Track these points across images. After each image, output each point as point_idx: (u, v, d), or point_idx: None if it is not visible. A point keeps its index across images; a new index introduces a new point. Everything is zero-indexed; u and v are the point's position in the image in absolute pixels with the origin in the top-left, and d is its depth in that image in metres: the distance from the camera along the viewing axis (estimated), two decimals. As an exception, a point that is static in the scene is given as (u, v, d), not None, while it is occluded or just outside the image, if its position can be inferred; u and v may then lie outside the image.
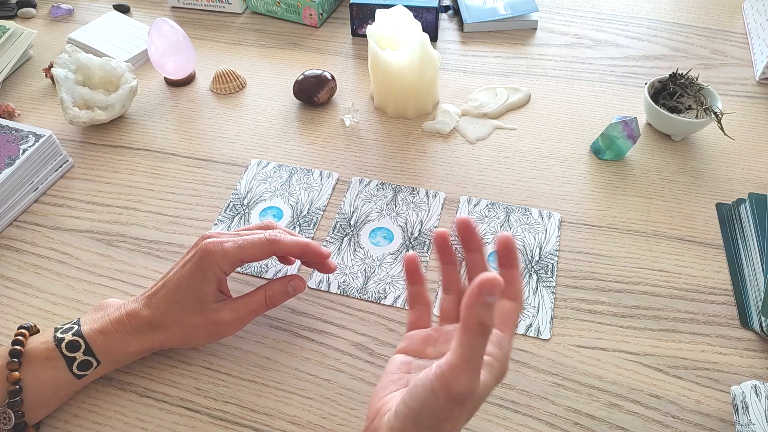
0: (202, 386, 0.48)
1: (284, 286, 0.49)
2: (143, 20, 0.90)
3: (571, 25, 0.88)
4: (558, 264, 0.56)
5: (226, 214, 0.61)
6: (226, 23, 0.91)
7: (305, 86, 0.73)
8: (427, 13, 0.82)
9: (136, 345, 0.45)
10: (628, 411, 0.46)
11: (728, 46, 0.83)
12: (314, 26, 0.89)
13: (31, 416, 0.43)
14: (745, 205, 0.58)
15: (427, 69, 0.68)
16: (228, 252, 0.45)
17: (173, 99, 0.77)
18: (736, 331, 0.51)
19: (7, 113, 0.72)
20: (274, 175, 0.65)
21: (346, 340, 0.51)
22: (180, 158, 0.68)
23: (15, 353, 0.42)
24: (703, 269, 0.55)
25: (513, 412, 0.46)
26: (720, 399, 0.46)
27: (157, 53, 0.74)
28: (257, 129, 0.72)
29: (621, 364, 0.48)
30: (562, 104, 0.74)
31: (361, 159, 0.67)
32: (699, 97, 0.67)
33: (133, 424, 0.45)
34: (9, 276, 0.56)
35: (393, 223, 0.60)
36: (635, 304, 0.53)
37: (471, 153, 0.68)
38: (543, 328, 0.51)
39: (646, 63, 0.80)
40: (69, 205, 0.63)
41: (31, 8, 0.93)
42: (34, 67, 0.82)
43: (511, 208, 0.61)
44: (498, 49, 0.84)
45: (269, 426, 0.45)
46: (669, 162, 0.66)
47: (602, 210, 0.61)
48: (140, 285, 0.55)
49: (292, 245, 0.48)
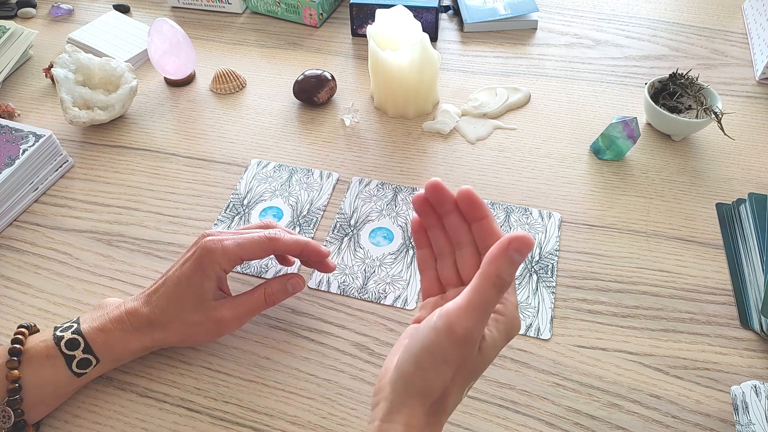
0: (202, 386, 0.48)
1: (284, 284, 0.49)
2: (143, 20, 0.90)
3: (571, 25, 0.88)
4: (558, 264, 0.56)
5: (226, 214, 0.61)
6: (226, 23, 0.91)
7: (305, 86, 0.73)
8: (427, 13, 0.82)
9: (136, 343, 0.45)
10: (628, 411, 0.46)
11: (728, 46, 0.83)
12: (314, 26, 0.89)
13: (31, 415, 0.43)
14: (745, 205, 0.57)
15: (427, 69, 0.68)
16: (228, 250, 0.45)
17: (173, 99, 0.77)
18: (736, 331, 0.50)
19: (7, 113, 0.72)
20: (274, 175, 0.65)
21: (346, 340, 0.51)
22: (180, 158, 0.68)
23: (14, 352, 0.42)
24: (703, 269, 0.55)
25: (513, 412, 0.46)
26: (720, 399, 0.46)
27: (157, 53, 0.74)
28: (257, 129, 0.72)
29: (621, 364, 0.48)
30: (562, 104, 0.74)
31: (361, 159, 0.67)
32: (699, 97, 0.67)
33: (133, 424, 0.45)
34: (9, 276, 0.56)
35: (393, 223, 0.60)
36: (635, 304, 0.53)
37: (471, 153, 0.68)
38: (543, 328, 0.51)
39: (646, 63, 0.80)
40: (69, 205, 0.63)
41: (31, 8, 0.93)
42: (34, 67, 0.82)
43: (511, 208, 0.61)
44: (498, 49, 0.84)
45: (269, 426, 0.45)
46: (669, 162, 0.66)
47: (602, 210, 0.61)
48: (140, 285, 0.55)
49: (291, 243, 0.48)
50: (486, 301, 0.31)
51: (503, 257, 0.31)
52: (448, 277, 0.40)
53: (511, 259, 0.31)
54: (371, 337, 0.51)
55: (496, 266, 0.31)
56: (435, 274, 0.40)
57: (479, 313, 0.31)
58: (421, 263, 0.41)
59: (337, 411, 0.46)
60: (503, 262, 0.31)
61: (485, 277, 0.32)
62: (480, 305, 0.31)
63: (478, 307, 0.31)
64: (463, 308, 0.31)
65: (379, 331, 0.51)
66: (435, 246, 0.40)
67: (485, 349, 0.34)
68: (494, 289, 0.31)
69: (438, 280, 0.40)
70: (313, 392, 0.47)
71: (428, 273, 0.41)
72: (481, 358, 0.34)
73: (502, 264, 0.31)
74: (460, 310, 0.32)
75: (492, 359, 0.35)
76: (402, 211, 0.61)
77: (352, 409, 0.46)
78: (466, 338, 0.31)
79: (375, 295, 0.54)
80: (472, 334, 0.31)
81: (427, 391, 0.33)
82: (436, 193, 0.38)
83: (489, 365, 0.36)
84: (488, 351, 0.34)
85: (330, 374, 0.48)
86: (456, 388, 0.33)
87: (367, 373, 0.48)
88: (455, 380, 0.33)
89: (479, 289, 0.32)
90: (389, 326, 0.51)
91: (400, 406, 0.33)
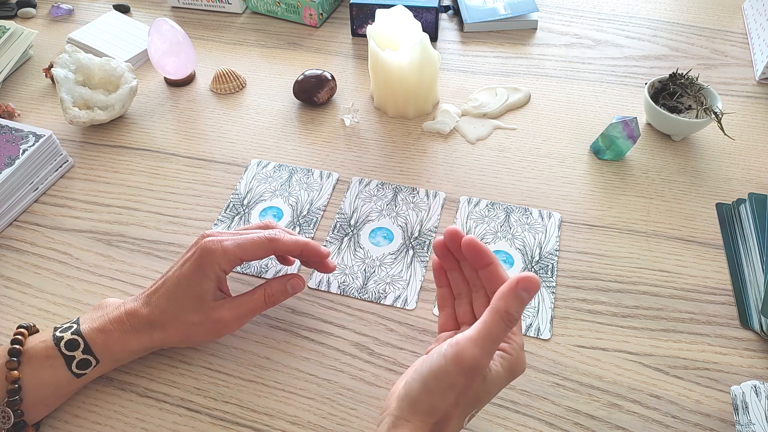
0: (202, 386, 0.48)
1: (283, 284, 0.49)
2: (143, 20, 0.90)
3: (571, 25, 0.88)
4: (558, 264, 0.56)
5: (226, 214, 0.61)
6: (226, 23, 0.91)
7: (305, 86, 0.73)
8: (427, 13, 0.82)
9: (136, 343, 0.45)
10: (628, 411, 0.46)
11: (728, 46, 0.83)
12: (314, 26, 0.89)
13: (31, 415, 0.43)
14: (745, 205, 0.57)
15: (427, 69, 0.68)
16: (228, 250, 0.45)
17: (173, 99, 0.77)
18: (736, 331, 0.50)
19: (7, 113, 0.72)
20: (274, 175, 0.65)
21: (346, 340, 0.51)
22: (180, 158, 0.68)
23: (14, 352, 0.42)
24: (703, 269, 0.55)
25: (513, 412, 0.46)
26: (720, 399, 0.46)
27: (157, 53, 0.74)
28: (257, 129, 0.72)
29: (621, 364, 0.48)
30: (562, 104, 0.74)
31: (361, 159, 0.67)
32: (699, 97, 0.67)
33: (133, 424, 0.45)
34: (9, 276, 0.56)
35: (393, 223, 0.60)
36: (635, 304, 0.53)
37: (471, 153, 0.68)
38: (543, 328, 0.51)
39: (646, 63, 0.80)
40: (69, 205, 0.63)
41: (31, 8, 0.93)
42: (34, 67, 0.82)
43: (511, 208, 0.61)
44: (498, 49, 0.84)
45: (269, 426, 0.45)
46: (669, 162, 0.66)
47: (602, 210, 0.61)
48: (140, 285, 0.55)
49: (291, 244, 0.48)
50: (493, 334, 0.34)
51: (512, 294, 0.34)
52: (463, 314, 0.44)
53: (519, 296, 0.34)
54: (371, 337, 0.51)
55: (504, 302, 0.34)
56: (452, 312, 0.45)
57: (486, 345, 0.34)
58: (440, 301, 0.45)
59: (337, 411, 0.46)
60: (511, 299, 0.34)
61: (494, 311, 0.35)
62: (487, 337, 0.34)
63: (486, 339, 0.34)
64: (472, 339, 0.34)
65: (379, 331, 0.51)
66: (454, 286, 0.44)
67: (489, 382, 0.36)
68: (502, 324, 0.34)
69: (454, 318, 0.44)
70: (313, 392, 0.47)
71: (446, 311, 0.45)
72: (484, 389, 0.36)
73: (510, 301, 0.34)
74: (469, 341, 0.34)
75: (495, 393, 0.38)
76: (402, 211, 0.61)
77: (352, 409, 0.46)
78: (473, 367, 0.34)
79: (375, 295, 0.54)
80: (478, 363, 0.34)
81: (431, 412, 0.35)
82: (453, 240, 0.42)
83: (491, 399, 0.38)
84: (492, 384, 0.37)
85: (330, 374, 0.48)
86: (457, 413, 0.36)
87: (367, 373, 0.48)
88: (458, 405, 0.35)
89: (488, 323, 0.35)
90: (389, 326, 0.51)
91: (404, 422, 0.36)
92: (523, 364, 0.39)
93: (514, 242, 0.57)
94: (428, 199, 0.62)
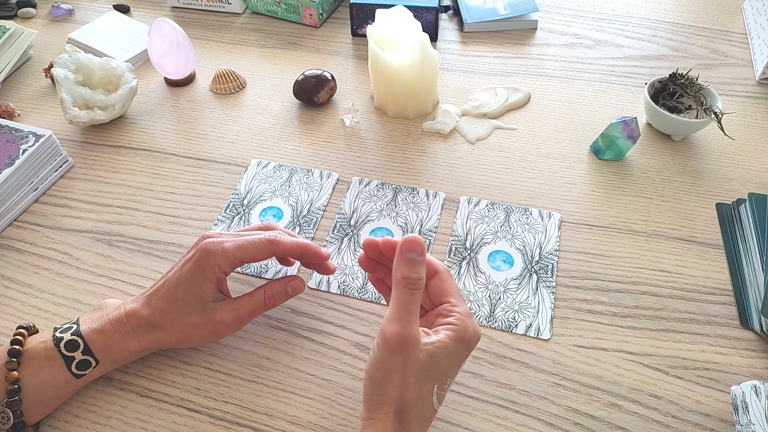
0: (202, 386, 0.48)
1: (284, 286, 0.49)
2: (143, 20, 0.90)
3: (571, 25, 0.88)
4: (558, 264, 0.56)
5: (226, 214, 0.61)
6: (226, 23, 0.91)
7: (305, 86, 0.73)
8: (427, 13, 0.82)
9: (135, 344, 0.45)
10: (628, 411, 0.46)
11: (728, 46, 0.83)
12: (314, 26, 0.89)
13: (30, 416, 0.43)
14: (745, 205, 0.57)
15: (427, 69, 0.68)
16: (228, 252, 0.45)
17: (173, 99, 0.77)
18: (736, 331, 0.50)
19: (7, 113, 0.72)
20: (274, 175, 0.65)
21: (346, 340, 0.51)
22: (180, 158, 0.68)
23: (14, 353, 0.42)
24: (703, 269, 0.55)
25: (513, 412, 0.46)
26: (720, 399, 0.46)
27: (157, 53, 0.74)
28: (257, 129, 0.72)
29: (621, 364, 0.48)
30: (562, 104, 0.74)
31: (361, 159, 0.67)
32: (699, 97, 0.67)
33: (133, 424, 0.45)
34: (9, 276, 0.56)
35: (393, 223, 0.60)
36: (635, 304, 0.53)
37: (471, 153, 0.68)
38: (543, 328, 0.51)
39: (646, 63, 0.80)
40: (69, 205, 0.63)
41: (31, 8, 0.93)
42: (34, 67, 0.82)
43: (511, 208, 0.61)
44: (498, 49, 0.84)
45: (269, 426, 0.45)
46: (669, 162, 0.66)
47: (602, 210, 0.61)
48: (140, 285, 0.55)
49: (291, 246, 0.48)
50: (404, 304, 0.36)
51: (400, 260, 0.37)
52: None
53: (408, 259, 0.36)
54: (371, 337, 0.51)
55: (398, 271, 0.37)
56: None
57: (402, 316, 0.36)
58: None
59: (337, 411, 0.46)
60: (402, 265, 0.37)
61: (396, 283, 0.37)
62: (401, 309, 0.36)
63: (400, 312, 0.36)
64: (389, 318, 0.36)
65: (379, 332, 0.51)
66: None
67: (434, 352, 0.37)
68: (406, 291, 0.36)
69: None
70: (313, 392, 0.47)
71: None
72: (432, 360, 0.37)
73: (401, 266, 0.37)
74: (387, 321, 0.36)
75: (456, 365, 0.38)
76: (402, 211, 0.61)
77: (352, 409, 0.46)
78: (400, 342, 0.35)
79: (375, 295, 0.54)
80: (403, 336, 0.35)
81: (386, 401, 0.36)
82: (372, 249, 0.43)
83: (456, 372, 0.39)
84: (445, 355, 0.37)
85: (330, 374, 0.48)
86: (413, 393, 0.36)
87: (367, 373, 0.48)
88: (408, 384, 0.36)
89: (396, 296, 0.36)
90: (389, 326, 0.51)
91: (370, 421, 0.37)
92: (475, 331, 0.39)
93: (514, 242, 0.57)
94: (428, 199, 0.62)
